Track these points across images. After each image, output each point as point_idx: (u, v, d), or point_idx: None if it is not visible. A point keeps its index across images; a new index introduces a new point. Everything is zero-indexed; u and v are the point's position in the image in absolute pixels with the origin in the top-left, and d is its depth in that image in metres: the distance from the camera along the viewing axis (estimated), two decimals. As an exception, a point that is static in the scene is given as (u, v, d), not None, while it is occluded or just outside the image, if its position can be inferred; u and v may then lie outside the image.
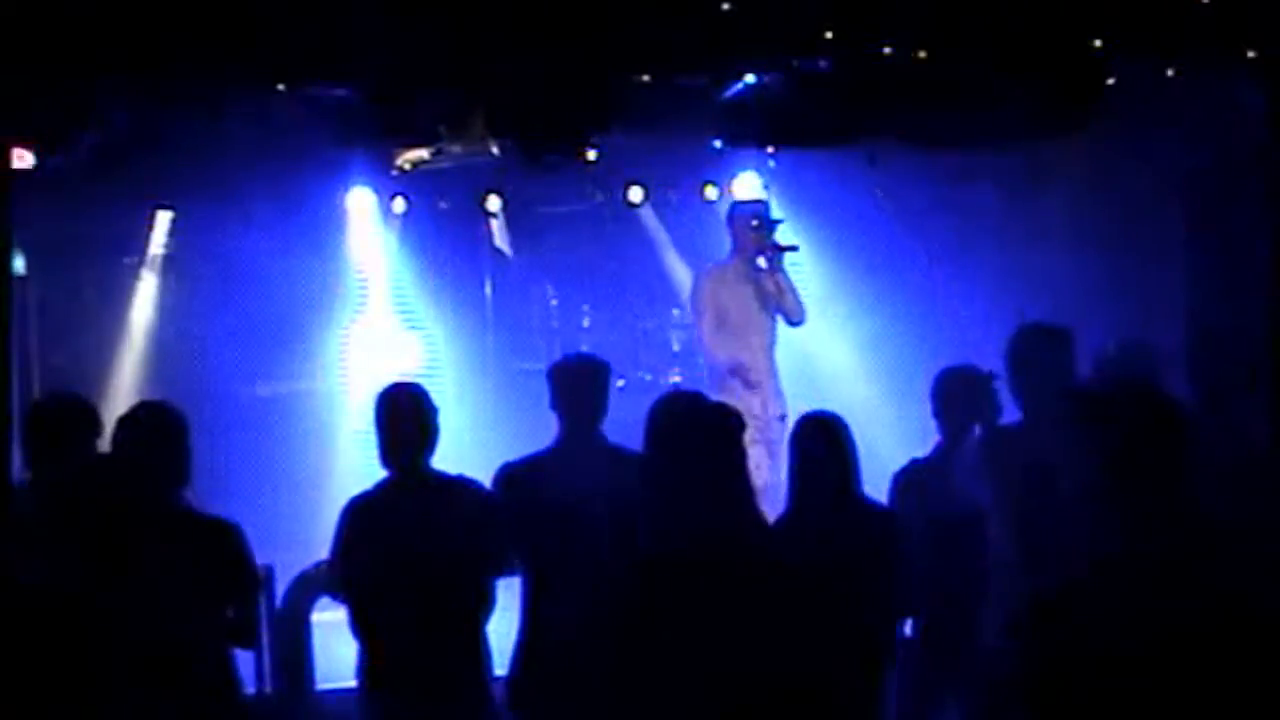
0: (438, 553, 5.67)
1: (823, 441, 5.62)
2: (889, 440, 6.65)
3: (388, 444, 5.79)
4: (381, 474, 5.89)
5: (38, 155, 8.15)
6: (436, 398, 5.94)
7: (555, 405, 6.14)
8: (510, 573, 5.91)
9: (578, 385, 6.15)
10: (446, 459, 6.07)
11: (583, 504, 5.73)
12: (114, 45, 7.64)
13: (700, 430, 4.39)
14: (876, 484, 6.11)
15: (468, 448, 8.55)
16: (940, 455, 6.19)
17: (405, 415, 5.81)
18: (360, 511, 5.87)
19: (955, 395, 6.20)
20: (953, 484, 5.83)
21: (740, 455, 4.32)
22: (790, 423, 8.03)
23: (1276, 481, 5.58)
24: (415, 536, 5.70)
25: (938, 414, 6.25)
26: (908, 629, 6.14)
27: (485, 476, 6.14)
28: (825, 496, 5.56)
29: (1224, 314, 9.33)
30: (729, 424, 4.43)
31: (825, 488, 5.56)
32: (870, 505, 5.70)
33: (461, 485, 5.87)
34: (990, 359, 6.22)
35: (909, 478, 6.19)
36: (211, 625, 5.39)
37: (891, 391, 9.99)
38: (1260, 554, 4.03)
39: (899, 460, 6.40)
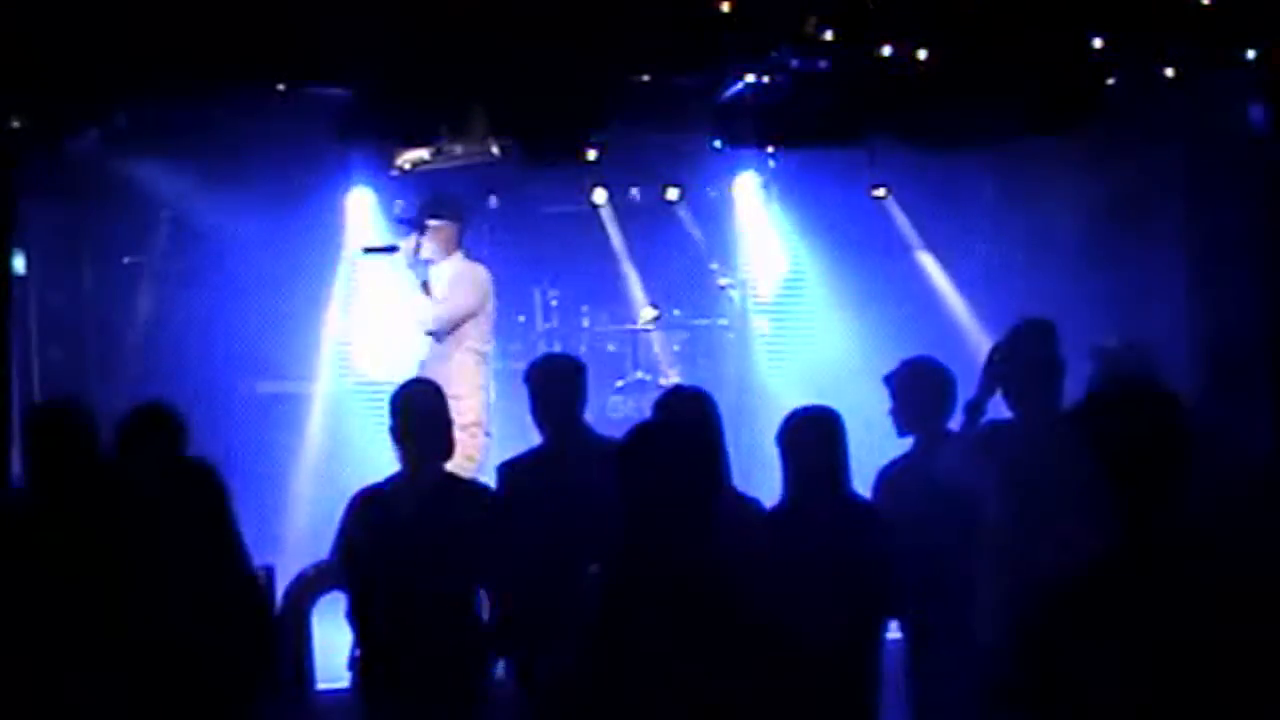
0: (439, 551, 5.67)
1: (814, 436, 5.61)
2: (888, 438, 6.63)
3: (400, 440, 5.84)
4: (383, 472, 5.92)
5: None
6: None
7: (533, 411, 6.16)
8: (510, 574, 5.90)
9: (549, 387, 6.16)
10: (444, 459, 6.07)
11: (575, 502, 5.73)
12: (114, 45, 7.64)
13: None
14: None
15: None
16: (921, 453, 6.17)
17: (418, 413, 5.85)
18: (366, 503, 5.89)
19: (924, 392, 6.19)
20: (940, 483, 5.82)
21: None
22: None
23: (1276, 481, 5.58)
24: (418, 533, 5.71)
25: (905, 411, 6.23)
26: (895, 632, 6.13)
27: (484, 476, 6.14)
28: (816, 492, 5.55)
29: (1224, 314, 9.34)
30: None
31: (816, 483, 5.56)
32: (860, 502, 5.70)
33: (469, 486, 5.90)
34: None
35: (892, 477, 6.19)
36: (210, 625, 5.38)
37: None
38: (1256, 554, 4.03)
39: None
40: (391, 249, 8.94)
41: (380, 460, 6.41)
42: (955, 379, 6.21)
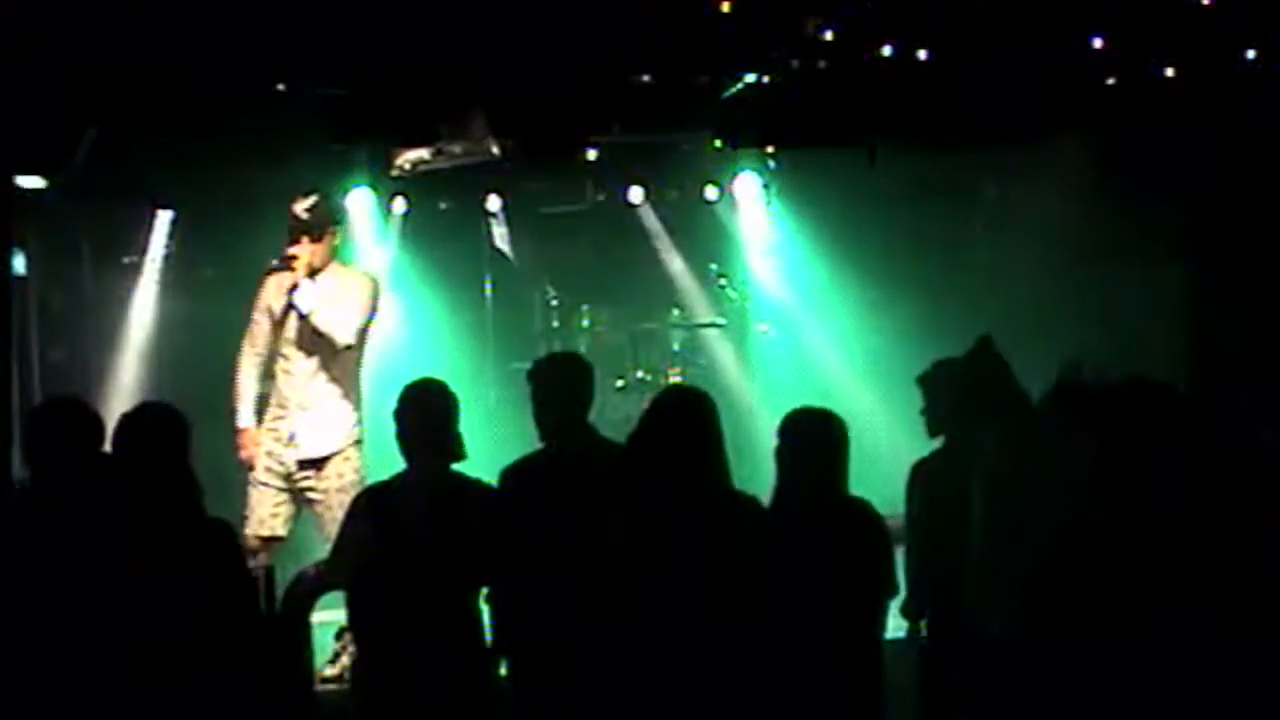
0: (442, 551, 5.68)
1: (806, 435, 5.61)
2: (889, 440, 6.64)
3: (404, 441, 5.84)
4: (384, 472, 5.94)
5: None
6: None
7: (535, 412, 6.11)
8: (511, 576, 5.89)
9: (557, 387, 6.14)
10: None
11: (577, 506, 5.72)
12: (114, 45, 7.65)
13: None
14: (878, 485, 6.09)
15: (467, 447, 8.54)
16: (952, 452, 6.16)
17: (422, 414, 5.85)
18: (371, 502, 5.90)
19: (955, 387, 6.18)
20: (974, 485, 5.82)
21: None
22: (336, 472, 7.95)
23: (1274, 484, 5.57)
24: (422, 533, 5.71)
25: (937, 411, 6.22)
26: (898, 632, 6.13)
27: (484, 476, 6.14)
28: (809, 492, 5.55)
29: (1225, 314, 9.34)
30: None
31: (810, 483, 5.56)
32: (854, 502, 5.68)
33: (475, 487, 5.89)
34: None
35: (925, 473, 6.17)
36: (210, 626, 5.38)
37: (891, 391, 9.99)
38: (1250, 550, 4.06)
39: (900, 460, 6.39)
40: (290, 260, 8.06)
41: (381, 460, 6.41)
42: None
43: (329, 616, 7.23)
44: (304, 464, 8.01)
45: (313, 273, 8.00)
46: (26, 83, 7.67)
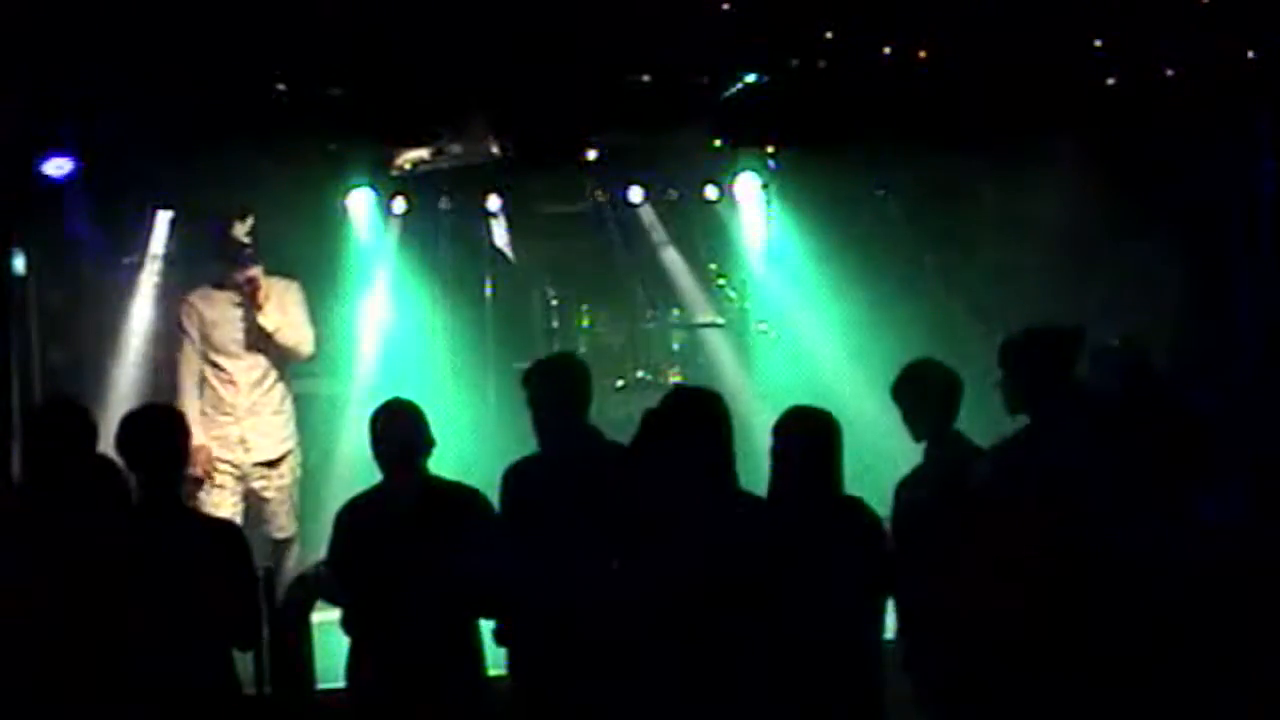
0: (431, 556, 5.68)
1: (799, 434, 5.62)
2: (888, 441, 6.61)
3: (383, 456, 5.88)
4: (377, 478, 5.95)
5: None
6: (436, 396, 5.99)
7: (532, 415, 6.10)
8: (507, 574, 5.89)
9: (551, 390, 6.13)
10: (446, 459, 6.09)
11: (581, 506, 5.73)
12: (115, 46, 7.65)
13: None
14: (877, 486, 6.09)
15: (467, 448, 8.55)
16: (933, 457, 6.13)
17: (395, 425, 5.88)
18: (355, 514, 5.91)
19: (927, 395, 6.15)
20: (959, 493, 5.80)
21: None
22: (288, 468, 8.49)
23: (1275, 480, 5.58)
24: (409, 540, 5.72)
25: (912, 417, 6.18)
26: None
27: (484, 476, 6.14)
28: (799, 487, 5.56)
29: (1224, 314, 9.34)
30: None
31: (798, 479, 5.57)
32: (848, 500, 5.68)
33: (457, 491, 5.90)
34: (990, 361, 6.20)
35: (909, 487, 6.15)
36: (211, 626, 5.39)
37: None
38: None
39: (897, 460, 6.37)
40: (252, 283, 8.71)
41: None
42: (955, 376, 6.17)
43: (329, 616, 7.23)
44: (259, 465, 8.53)
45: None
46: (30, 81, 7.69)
